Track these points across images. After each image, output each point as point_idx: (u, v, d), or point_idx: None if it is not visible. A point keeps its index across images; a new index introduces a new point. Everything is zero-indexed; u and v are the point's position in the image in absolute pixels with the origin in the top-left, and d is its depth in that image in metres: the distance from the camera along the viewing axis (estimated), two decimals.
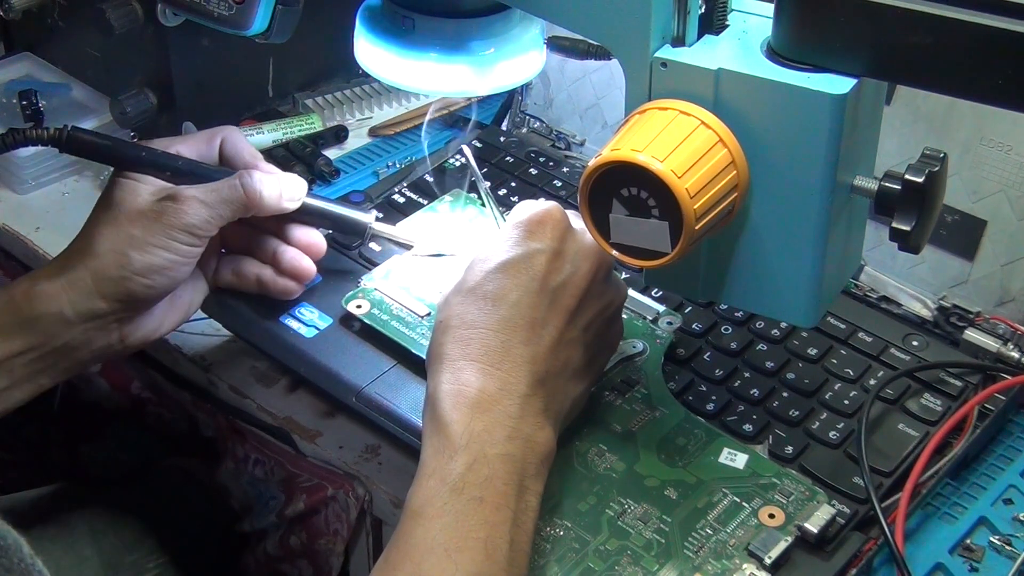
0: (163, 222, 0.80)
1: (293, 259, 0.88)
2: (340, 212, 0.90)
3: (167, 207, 0.80)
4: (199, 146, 0.86)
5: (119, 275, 0.80)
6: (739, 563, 0.74)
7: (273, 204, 0.85)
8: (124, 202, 0.81)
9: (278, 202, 0.85)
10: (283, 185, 0.86)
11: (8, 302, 0.80)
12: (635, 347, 0.87)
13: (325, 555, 0.89)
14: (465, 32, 0.83)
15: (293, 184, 0.87)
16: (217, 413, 0.93)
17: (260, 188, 0.84)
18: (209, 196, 0.82)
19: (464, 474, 0.69)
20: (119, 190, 0.82)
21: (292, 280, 0.89)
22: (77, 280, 0.80)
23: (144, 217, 0.80)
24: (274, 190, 0.85)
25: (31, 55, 1.21)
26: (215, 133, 0.87)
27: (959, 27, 0.61)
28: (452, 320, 0.76)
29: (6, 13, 1.08)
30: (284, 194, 0.85)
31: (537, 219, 0.78)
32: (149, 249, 0.80)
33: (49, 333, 0.80)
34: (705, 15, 0.71)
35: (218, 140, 0.87)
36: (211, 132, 0.87)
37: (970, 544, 0.79)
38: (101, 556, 0.92)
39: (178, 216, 0.80)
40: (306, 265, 0.88)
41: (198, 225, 0.81)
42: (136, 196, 0.81)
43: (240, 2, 0.82)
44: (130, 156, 0.83)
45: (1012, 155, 0.88)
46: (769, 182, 0.69)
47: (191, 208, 0.81)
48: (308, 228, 0.89)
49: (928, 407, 0.85)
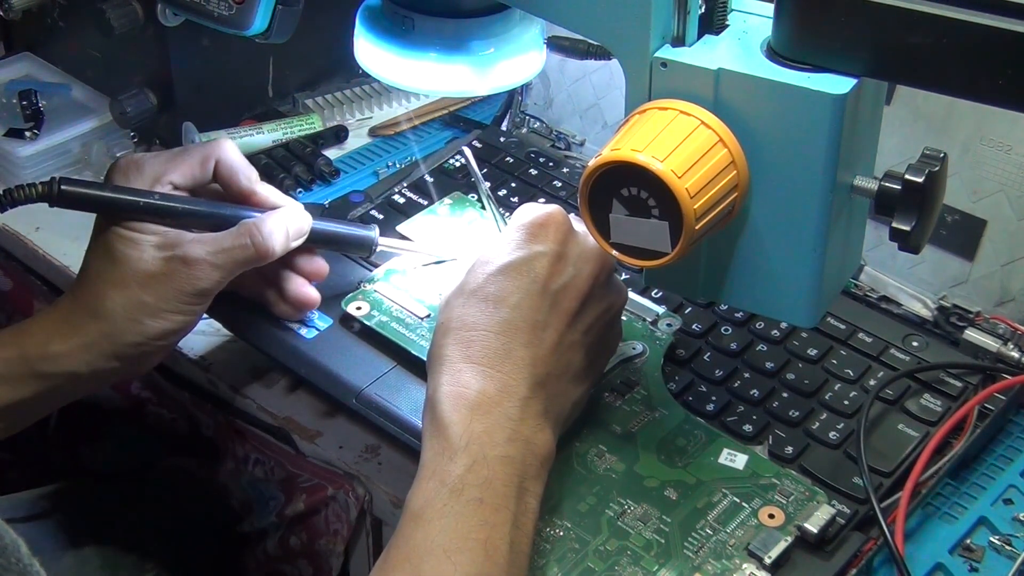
0: (174, 288, 0.79)
1: (298, 290, 0.87)
2: (344, 232, 0.89)
3: (177, 272, 0.79)
4: (192, 171, 0.83)
5: (135, 341, 0.80)
6: (739, 563, 0.74)
7: (282, 251, 0.83)
8: (130, 261, 0.79)
9: (286, 245, 0.83)
10: (288, 223, 0.83)
11: (21, 356, 0.80)
12: (635, 348, 0.87)
13: (325, 555, 0.89)
14: (465, 32, 0.82)
15: (297, 218, 0.84)
16: (217, 413, 0.93)
17: (271, 243, 0.81)
18: (219, 258, 0.80)
19: (464, 475, 0.69)
20: (121, 245, 0.79)
21: (295, 309, 0.88)
22: (92, 344, 0.79)
23: (155, 281, 0.79)
24: (281, 236, 0.82)
25: (31, 55, 1.21)
26: (208, 155, 0.83)
27: (959, 27, 0.61)
28: (453, 322, 0.76)
29: (6, 13, 1.08)
30: (291, 233, 0.83)
31: (539, 222, 0.78)
32: (163, 315, 0.79)
33: (59, 387, 0.81)
34: (705, 15, 0.71)
35: (212, 162, 0.83)
36: (204, 153, 0.84)
37: (970, 544, 0.78)
38: (101, 556, 0.92)
39: (190, 282, 0.79)
40: (311, 295, 0.87)
41: (210, 288, 0.80)
42: (141, 253, 0.79)
43: (240, 2, 0.82)
44: (126, 205, 0.80)
45: (1012, 155, 0.88)
46: (769, 182, 0.69)
47: (202, 272, 0.79)
48: (312, 256, 0.88)
49: (928, 407, 0.85)
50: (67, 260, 1.01)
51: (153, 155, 0.84)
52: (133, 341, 0.80)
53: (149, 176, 0.82)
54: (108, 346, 0.80)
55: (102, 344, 0.79)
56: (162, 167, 0.82)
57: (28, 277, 1.06)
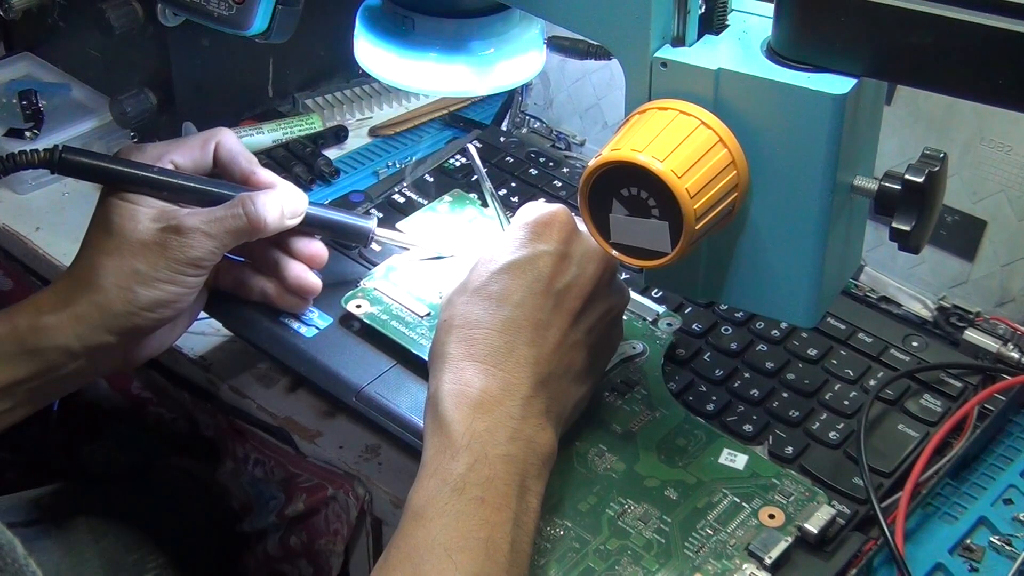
0: (167, 256, 0.79)
1: (299, 276, 0.87)
2: (342, 220, 0.90)
3: (171, 241, 0.79)
4: (193, 153, 0.84)
5: (126, 311, 0.79)
6: (739, 563, 0.74)
7: (276, 226, 0.83)
8: (124, 231, 0.80)
9: (280, 222, 0.84)
10: (284, 202, 0.84)
11: (12, 332, 0.79)
12: (635, 348, 0.87)
13: (325, 555, 0.89)
14: (465, 32, 0.83)
15: (293, 198, 0.85)
16: (217, 413, 0.93)
17: (264, 214, 0.82)
18: (212, 227, 0.80)
19: (465, 474, 0.69)
20: (117, 215, 0.80)
21: (298, 297, 0.88)
22: (83, 315, 0.79)
23: (147, 250, 0.79)
24: (276, 211, 0.83)
25: (31, 55, 1.21)
26: (208, 138, 0.85)
27: (959, 27, 0.61)
28: (456, 319, 0.76)
29: (6, 13, 1.08)
30: (286, 211, 0.84)
31: (544, 220, 0.78)
32: (155, 284, 0.79)
33: (54, 363, 0.80)
34: (705, 15, 0.71)
35: (212, 145, 0.85)
36: (204, 137, 0.85)
37: (970, 544, 0.78)
38: (101, 556, 0.92)
39: (183, 251, 0.79)
40: (312, 281, 0.88)
41: (203, 258, 0.80)
42: (136, 224, 0.80)
43: (240, 2, 0.82)
44: (126, 177, 0.81)
45: (1012, 155, 0.88)
46: (769, 182, 0.69)
47: (195, 241, 0.80)
48: (310, 240, 0.88)
49: (928, 408, 0.85)
50: (67, 260, 1.00)
51: (157, 142, 0.85)
52: (124, 311, 0.79)
53: (151, 155, 0.83)
54: (99, 317, 0.79)
55: (93, 315, 0.79)
56: (164, 147, 0.84)
57: (28, 277, 1.06)
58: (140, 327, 0.81)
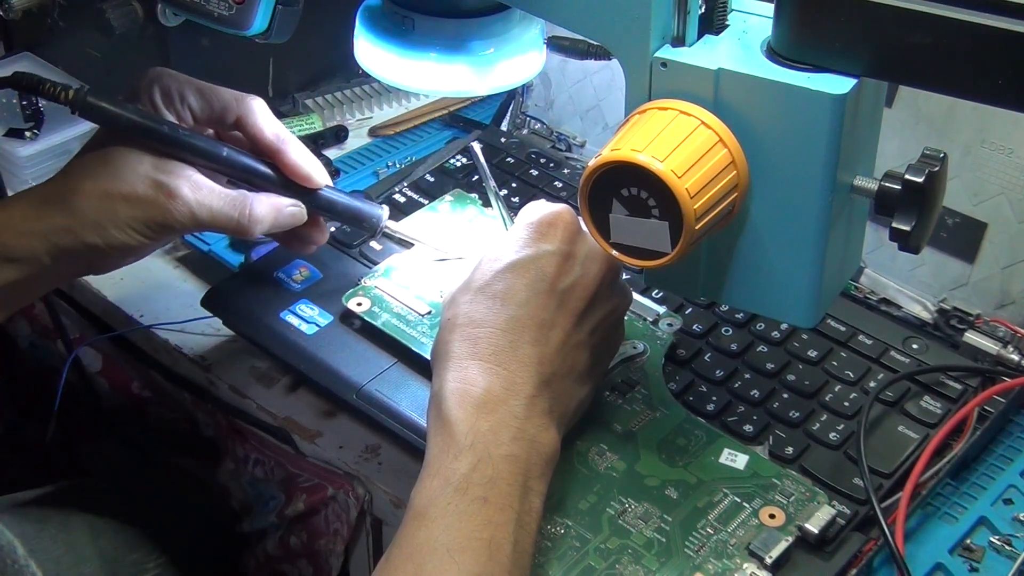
0: (147, 212, 0.79)
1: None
2: (354, 205, 0.89)
3: (157, 200, 0.79)
4: (213, 105, 0.84)
5: (95, 244, 0.79)
6: (740, 563, 0.74)
7: (263, 231, 0.84)
8: (120, 176, 0.79)
9: (269, 229, 0.84)
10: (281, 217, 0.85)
11: None
12: (636, 348, 0.87)
13: (325, 555, 0.89)
14: (465, 32, 0.83)
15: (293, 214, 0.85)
16: (217, 413, 0.93)
17: (254, 227, 0.82)
18: (202, 210, 0.80)
19: (468, 474, 0.69)
20: (121, 153, 0.80)
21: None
22: (56, 232, 0.79)
23: (134, 199, 0.79)
24: (267, 223, 0.83)
25: (31, 55, 1.21)
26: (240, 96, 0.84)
27: (959, 27, 0.61)
28: (459, 318, 0.76)
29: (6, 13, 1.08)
30: (279, 222, 0.84)
31: (548, 220, 0.78)
32: (128, 231, 0.79)
33: (26, 271, 0.80)
34: (705, 15, 0.71)
35: (236, 110, 0.84)
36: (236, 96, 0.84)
37: (970, 544, 0.78)
38: (101, 556, 0.92)
39: (163, 214, 0.79)
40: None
41: (177, 230, 0.81)
42: (136, 166, 0.80)
43: (240, 2, 0.82)
44: (146, 131, 0.81)
45: (1013, 158, 0.88)
46: (769, 182, 0.69)
47: (179, 212, 0.79)
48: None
49: (928, 409, 0.85)
50: None
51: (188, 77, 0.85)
52: (93, 243, 0.79)
53: (176, 87, 0.83)
54: (69, 240, 0.79)
55: (64, 237, 0.79)
56: (189, 84, 0.84)
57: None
58: (107, 259, 0.82)
